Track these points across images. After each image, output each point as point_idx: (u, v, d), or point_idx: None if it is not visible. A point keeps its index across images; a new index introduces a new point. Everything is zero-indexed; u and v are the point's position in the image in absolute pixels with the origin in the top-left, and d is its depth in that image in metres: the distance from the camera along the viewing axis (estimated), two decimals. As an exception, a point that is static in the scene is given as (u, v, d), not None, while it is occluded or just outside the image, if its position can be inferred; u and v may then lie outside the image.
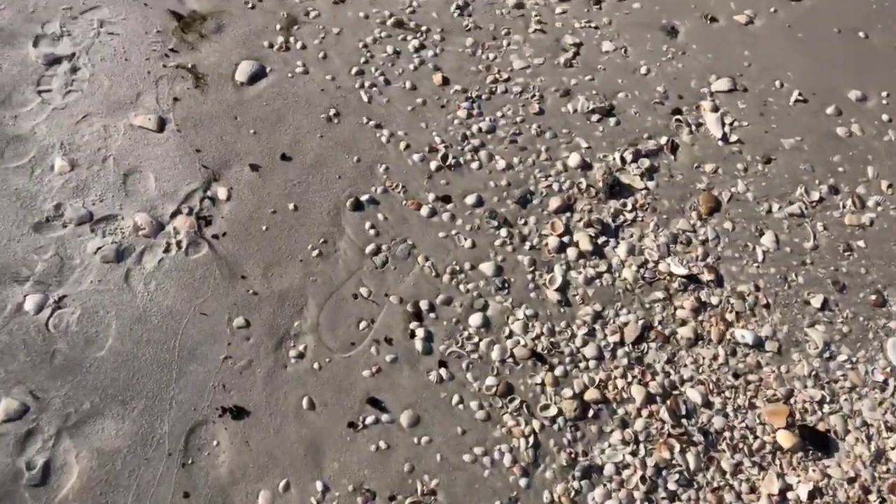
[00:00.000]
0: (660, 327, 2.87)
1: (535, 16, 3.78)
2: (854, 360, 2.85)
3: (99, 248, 2.76)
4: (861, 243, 3.16)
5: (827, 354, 2.85)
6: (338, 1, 3.66)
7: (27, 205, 2.84)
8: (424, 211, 3.06)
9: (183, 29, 3.41)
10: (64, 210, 2.83)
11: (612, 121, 3.43)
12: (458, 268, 2.92)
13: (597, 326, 2.84)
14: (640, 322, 2.86)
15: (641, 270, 3.00)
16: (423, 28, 3.63)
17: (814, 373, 2.80)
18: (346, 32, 3.56)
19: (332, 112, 3.28)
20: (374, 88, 3.39)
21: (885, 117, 3.57)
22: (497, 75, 3.52)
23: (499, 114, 3.39)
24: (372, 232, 2.97)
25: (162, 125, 3.11)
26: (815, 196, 3.27)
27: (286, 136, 3.17)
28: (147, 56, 3.30)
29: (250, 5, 3.57)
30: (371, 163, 3.16)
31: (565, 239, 3.05)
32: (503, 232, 3.04)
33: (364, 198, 3.05)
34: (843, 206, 3.26)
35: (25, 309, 2.61)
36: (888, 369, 2.83)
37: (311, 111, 3.27)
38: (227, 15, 3.51)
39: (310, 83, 3.36)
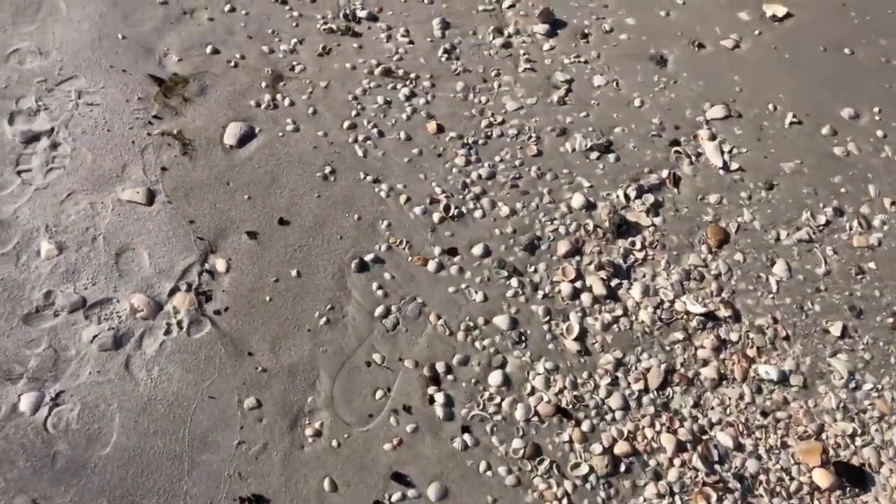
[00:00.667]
0: (682, 369, 2.81)
1: (524, 54, 3.74)
2: (879, 387, 2.81)
3: (95, 336, 2.63)
4: (872, 265, 3.14)
5: (853, 384, 2.81)
6: (322, 53, 3.58)
7: (14, 295, 2.70)
8: (431, 266, 2.97)
9: (165, 93, 3.30)
10: (54, 298, 2.70)
11: (611, 157, 3.39)
12: (471, 323, 2.84)
13: (619, 374, 2.77)
14: (663, 366, 2.80)
15: (658, 311, 2.94)
16: (412, 75, 3.57)
17: (842, 405, 2.76)
18: (334, 85, 3.49)
19: (327, 170, 3.19)
20: (369, 142, 3.31)
21: (879, 133, 3.58)
22: (491, 119, 3.46)
23: (497, 158, 3.33)
24: (380, 293, 2.88)
25: (151, 198, 2.99)
26: (822, 220, 3.25)
27: (282, 199, 3.08)
28: (130, 125, 3.18)
29: (232, 64, 3.48)
30: (372, 220, 3.07)
31: (578, 284, 2.98)
32: (514, 282, 2.96)
33: (368, 257, 2.96)
34: (850, 228, 3.25)
35: (21, 410, 2.46)
36: (915, 395, 2.80)
37: (305, 170, 3.18)
38: (209, 76, 3.41)
39: (302, 141, 3.27)
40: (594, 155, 3.39)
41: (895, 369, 2.86)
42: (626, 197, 3.26)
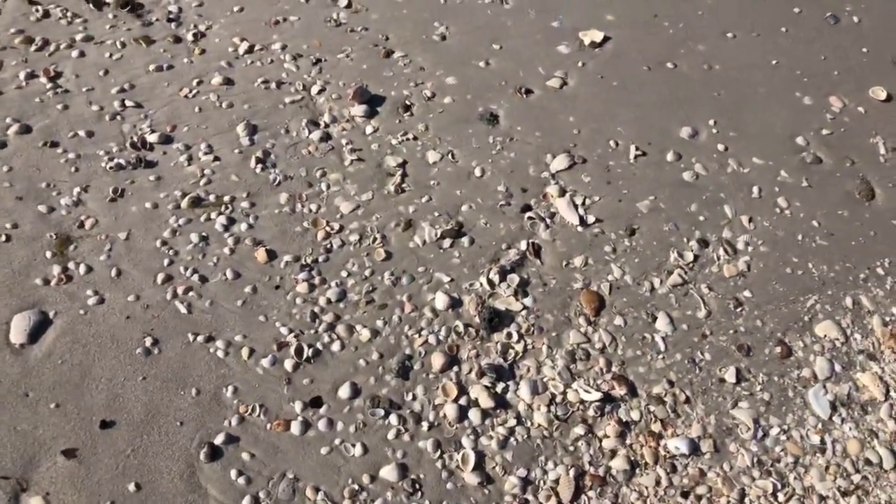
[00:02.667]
0: (592, 469, 2.63)
1: (347, 144, 3.44)
2: (786, 428, 2.76)
3: None
4: (747, 293, 3.11)
5: (760, 434, 2.74)
6: (114, 197, 3.11)
7: None
8: (295, 428, 2.61)
9: (-78, 298, 2.73)
10: None
11: (465, 241, 3.17)
12: (356, 486, 2.51)
13: (528, 497, 2.54)
14: (571, 471, 2.60)
15: (552, 408, 2.74)
16: (226, 198, 3.18)
17: (755, 459, 2.68)
18: (136, 234, 3.03)
19: (147, 342, 2.75)
20: (191, 293, 2.90)
21: (720, 147, 3.59)
22: (327, 228, 3.14)
23: (344, 273, 3.02)
24: (241, 480, 2.49)
25: (-72, 442, 2.43)
26: (689, 256, 3.20)
27: (99, 395, 2.61)
28: None
29: (3, 238, 2.94)
30: (214, 390, 2.67)
31: (462, 401, 2.73)
32: (393, 419, 2.67)
33: (219, 439, 2.56)
34: (718, 258, 3.21)
35: None
36: (818, 426, 2.77)
37: (121, 350, 2.72)
38: (-24, 261, 2.87)
39: (110, 314, 2.80)
40: (447, 243, 3.16)
41: (794, 403, 2.82)
42: (491, 283, 3.05)
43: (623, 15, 4.17)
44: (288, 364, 2.76)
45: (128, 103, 3.44)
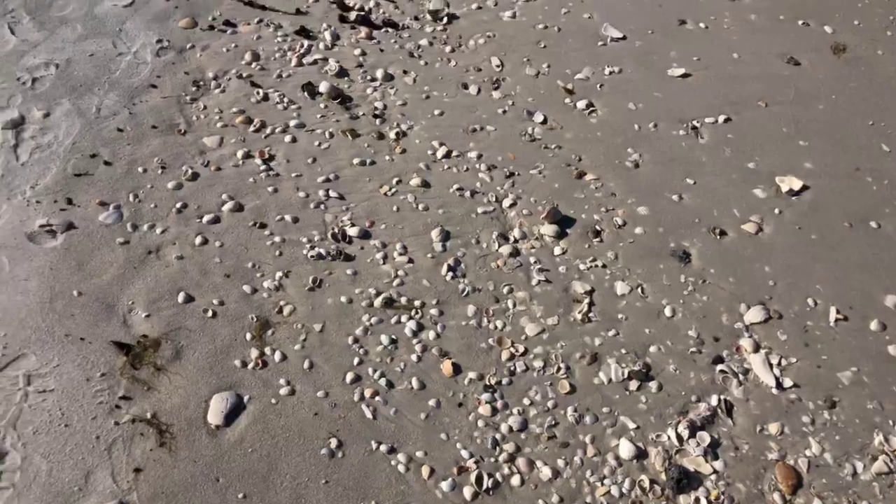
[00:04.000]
0: None
1: (535, 263, 3.46)
2: None
3: None
4: (964, 497, 2.84)
5: None
6: (313, 287, 3.22)
7: None
8: (471, 565, 2.54)
9: (133, 363, 2.87)
10: None
11: (652, 386, 3.07)
12: None
13: None
14: None
15: None
16: (417, 303, 3.24)
17: None
18: (330, 327, 3.12)
19: (332, 443, 2.77)
20: (377, 398, 2.92)
21: (929, 322, 3.38)
22: (512, 349, 3.13)
23: (526, 401, 2.97)
24: None
25: (124, 513, 2.51)
26: (895, 442, 2.97)
27: (283, 493, 2.63)
28: (92, 414, 2.73)
29: (210, 313, 3.09)
30: (393, 507, 2.65)
31: (645, 568, 2.58)
32: (570, 574, 2.55)
33: (395, 563, 2.52)
34: (929, 450, 2.97)
35: None
36: None
37: (307, 447, 2.75)
38: (184, 333, 3.01)
39: (299, 407, 2.86)
40: (633, 385, 3.07)
41: None
42: (679, 438, 2.92)
43: (823, 164, 4.07)
44: (467, 492, 2.70)
45: (331, 193, 3.61)
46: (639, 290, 3.42)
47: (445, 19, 4.77)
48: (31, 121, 3.65)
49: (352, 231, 3.47)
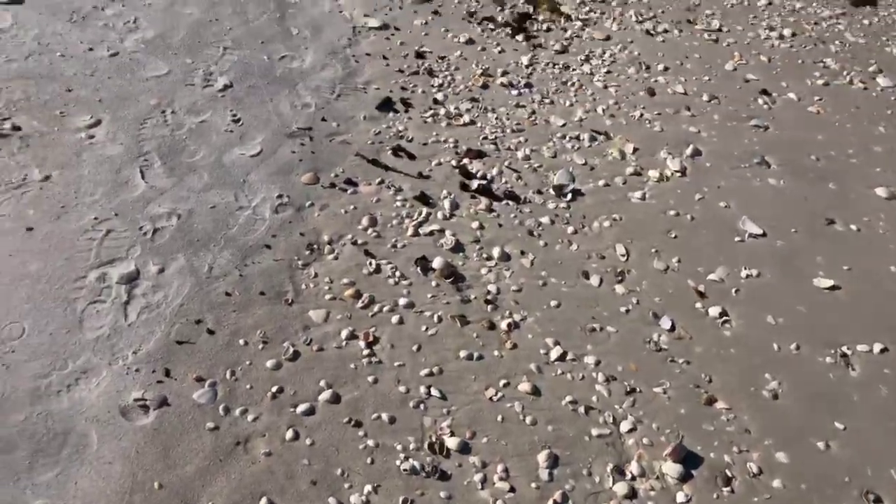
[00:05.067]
0: None
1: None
2: None
3: None
4: None
5: None
6: (402, 509, 2.94)
7: None
8: None
9: None
10: None
11: None
12: None
13: None
14: None
15: None
16: (515, 546, 2.88)
17: None
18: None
19: None
20: None
21: None
22: None
23: None
24: None
25: None
26: None
27: None
28: None
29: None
30: None
31: None
32: None
33: None
34: None
35: None
36: None
37: None
38: None
39: None
40: None
41: None
42: None
43: None
44: None
45: (433, 392, 3.36)
46: (776, 564, 2.94)
47: (570, 196, 4.59)
48: (146, 276, 3.64)
49: (450, 442, 3.18)
